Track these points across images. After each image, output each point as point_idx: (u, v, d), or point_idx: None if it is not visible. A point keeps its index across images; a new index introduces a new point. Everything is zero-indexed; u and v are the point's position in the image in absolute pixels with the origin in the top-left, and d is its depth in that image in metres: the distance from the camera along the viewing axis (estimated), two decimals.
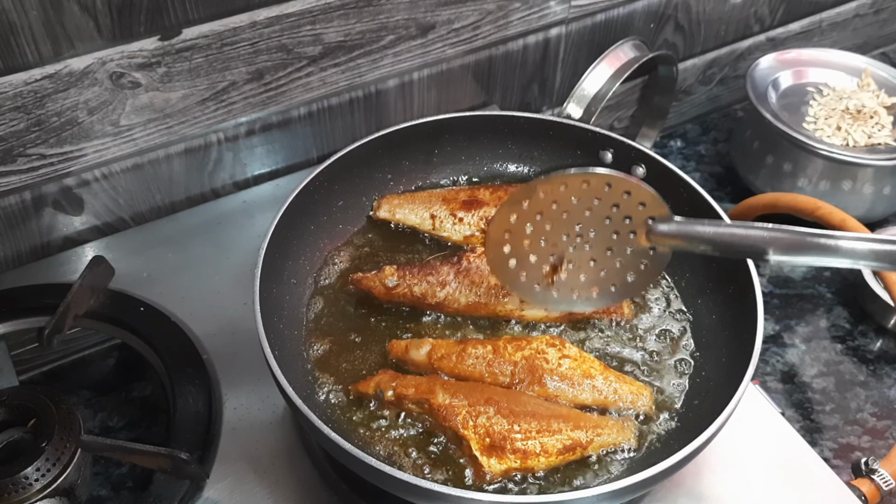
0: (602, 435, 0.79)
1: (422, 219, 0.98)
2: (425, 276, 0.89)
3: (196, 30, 0.95)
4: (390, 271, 0.89)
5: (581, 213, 0.78)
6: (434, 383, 0.80)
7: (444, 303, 0.89)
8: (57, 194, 1.00)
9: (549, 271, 0.83)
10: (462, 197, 0.99)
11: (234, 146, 1.09)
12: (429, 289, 0.88)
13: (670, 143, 1.49)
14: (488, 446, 0.76)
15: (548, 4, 1.17)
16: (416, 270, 0.90)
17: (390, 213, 0.99)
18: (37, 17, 0.85)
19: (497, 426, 0.76)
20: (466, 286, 0.89)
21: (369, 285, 0.89)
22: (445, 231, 0.97)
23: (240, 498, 0.82)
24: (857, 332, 1.17)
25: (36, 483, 0.76)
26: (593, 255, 0.81)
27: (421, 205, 0.98)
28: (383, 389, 0.80)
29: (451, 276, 0.89)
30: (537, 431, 0.77)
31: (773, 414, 0.91)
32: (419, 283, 0.89)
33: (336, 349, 0.87)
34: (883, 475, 0.90)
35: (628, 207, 0.77)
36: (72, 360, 0.99)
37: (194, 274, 1.01)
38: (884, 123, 1.26)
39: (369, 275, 0.90)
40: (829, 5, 1.52)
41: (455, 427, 0.76)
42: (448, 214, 0.97)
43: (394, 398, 0.80)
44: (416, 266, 0.90)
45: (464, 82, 1.20)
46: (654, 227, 0.77)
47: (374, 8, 1.04)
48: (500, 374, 0.82)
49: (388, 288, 0.88)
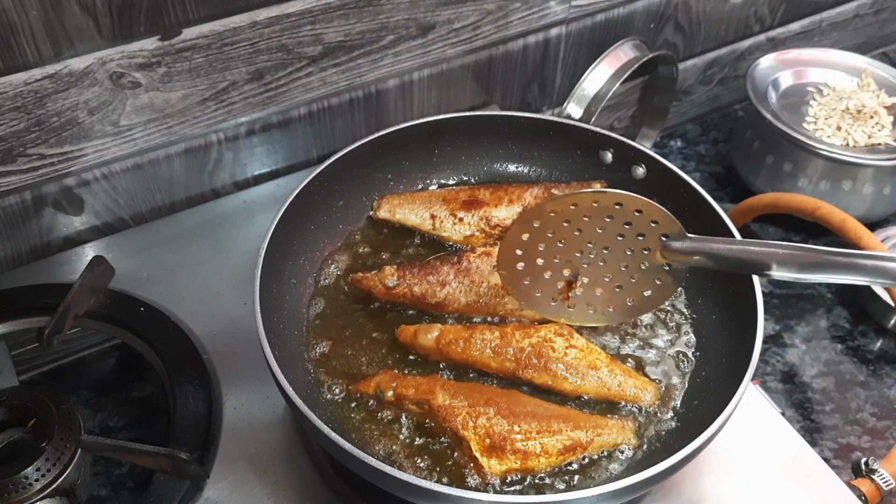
0: (602, 435, 0.78)
1: (422, 219, 0.98)
2: (425, 275, 0.89)
3: (196, 30, 0.95)
4: (390, 271, 0.89)
5: (593, 231, 0.79)
6: (434, 384, 0.80)
7: (445, 302, 0.89)
8: (57, 194, 1.00)
9: (564, 287, 0.84)
10: (462, 197, 0.99)
11: (234, 146, 1.09)
12: (429, 288, 0.89)
13: (670, 143, 1.49)
14: (488, 447, 0.76)
15: (548, 4, 1.17)
16: (416, 270, 0.90)
17: (390, 212, 0.99)
18: (37, 17, 0.85)
19: (497, 427, 0.76)
20: (466, 286, 0.89)
21: (369, 285, 0.89)
22: (446, 231, 0.97)
23: (240, 498, 0.82)
24: (857, 332, 1.17)
25: (36, 483, 0.76)
26: (608, 271, 0.81)
27: (421, 205, 0.98)
28: (383, 390, 0.80)
29: (452, 275, 0.89)
30: (537, 432, 0.77)
31: (773, 414, 0.91)
32: (419, 282, 0.89)
33: (336, 349, 0.87)
34: (883, 475, 0.90)
35: (641, 225, 0.77)
36: (72, 360, 0.99)
37: (194, 274, 1.01)
38: (884, 123, 1.26)
39: (369, 275, 0.90)
40: (830, 5, 1.52)
41: (455, 427, 0.76)
42: (448, 214, 0.97)
43: (394, 398, 0.80)
44: (416, 266, 0.90)
45: (464, 82, 1.20)
46: (667, 244, 0.77)
47: (374, 8, 1.04)
48: (506, 359, 0.82)
49: (388, 288, 0.88)
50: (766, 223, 1.32)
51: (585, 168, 1.02)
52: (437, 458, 0.78)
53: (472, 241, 0.96)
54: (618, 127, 1.46)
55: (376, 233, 0.99)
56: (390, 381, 0.81)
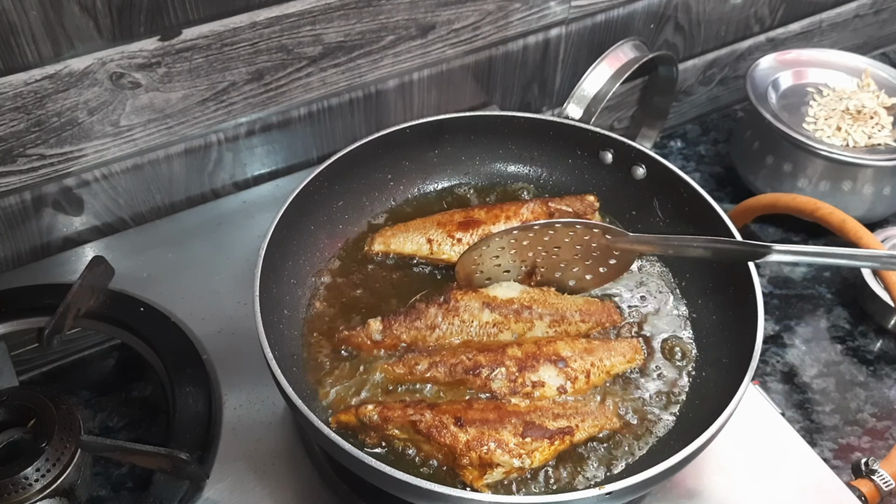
0: (586, 421, 0.79)
1: (418, 245, 0.95)
2: (412, 322, 0.86)
3: (196, 30, 0.95)
4: (375, 326, 0.86)
5: (541, 239, 0.88)
6: (419, 406, 0.79)
7: (437, 345, 0.86)
8: (57, 194, 1.00)
9: (525, 277, 0.92)
10: (458, 218, 0.97)
11: (234, 146, 1.09)
12: (418, 334, 0.86)
13: (670, 143, 1.49)
14: (478, 460, 0.75)
15: (548, 5, 1.17)
16: (401, 318, 0.86)
17: (385, 244, 0.96)
18: (37, 18, 0.85)
19: (484, 437, 0.75)
20: (457, 326, 0.87)
21: (357, 342, 0.86)
22: (444, 253, 0.94)
23: (239, 498, 0.82)
24: (857, 332, 1.17)
25: (36, 483, 0.76)
26: (563, 260, 0.90)
27: (415, 232, 0.96)
28: (368, 416, 0.78)
29: (440, 318, 0.87)
30: (521, 434, 0.76)
31: (773, 414, 0.91)
32: (407, 330, 0.86)
33: (336, 349, 0.87)
34: (883, 476, 0.90)
35: (593, 238, 0.87)
36: (72, 360, 0.99)
37: (194, 274, 1.01)
38: (884, 124, 1.27)
39: (354, 332, 0.87)
40: (829, 6, 1.52)
41: (443, 443, 0.76)
42: (446, 237, 0.95)
43: (380, 421, 0.78)
44: (401, 314, 0.87)
45: (464, 82, 1.20)
46: (612, 242, 0.87)
47: (374, 8, 1.04)
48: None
49: (375, 342, 0.86)
50: (766, 223, 1.32)
51: (585, 168, 1.02)
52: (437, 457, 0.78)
53: None
54: (618, 127, 1.46)
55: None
56: (374, 409, 0.79)
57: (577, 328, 0.88)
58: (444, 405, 0.79)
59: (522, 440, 0.76)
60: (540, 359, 0.83)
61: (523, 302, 0.88)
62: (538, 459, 0.76)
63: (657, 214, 0.97)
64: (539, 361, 0.82)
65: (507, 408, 0.79)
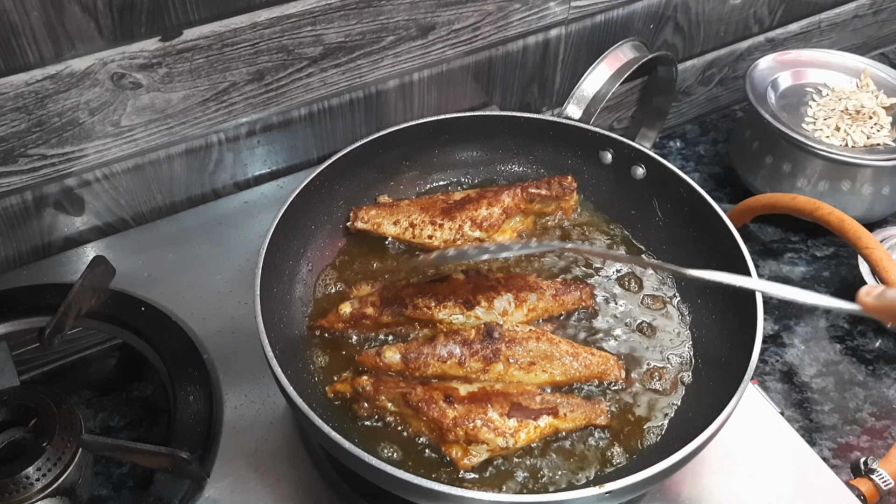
0: (575, 410, 0.80)
1: (402, 228, 0.96)
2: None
3: (197, 31, 0.95)
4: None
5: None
6: (412, 382, 0.81)
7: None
8: (58, 194, 1.00)
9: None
10: (440, 205, 0.98)
11: (234, 147, 1.09)
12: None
13: (670, 143, 1.49)
14: (464, 437, 0.76)
15: (548, 5, 1.17)
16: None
17: (368, 223, 0.97)
18: (38, 18, 0.85)
19: (471, 414, 0.77)
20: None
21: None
22: (426, 238, 0.96)
23: (240, 497, 0.82)
24: (856, 332, 1.17)
25: (37, 483, 0.76)
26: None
27: (399, 214, 0.97)
28: (362, 385, 0.80)
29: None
30: (507, 414, 0.78)
31: (773, 414, 0.91)
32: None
33: (336, 349, 0.87)
34: (882, 475, 0.91)
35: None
36: (73, 359, 1.00)
37: (195, 274, 1.01)
38: (883, 124, 1.27)
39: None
40: (829, 6, 1.52)
41: (431, 417, 0.77)
42: (428, 222, 0.96)
43: (372, 391, 0.80)
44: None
45: (464, 83, 1.20)
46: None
47: (374, 9, 1.04)
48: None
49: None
50: (765, 223, 1.32)
51: (585, 168, 1.02)
52: (436, 457, 0.78)
53: (454, 244, 0.95)
54: (617, 127, 1.46)
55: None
56: (369, 379, 0.81)
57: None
58: (437, 384, 0.81)
59: (508, 419, 0.77)
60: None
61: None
62: (522, 440, 0.77)
63: (657, 214, 0.97)
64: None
65: (497, 390, 0.80)
